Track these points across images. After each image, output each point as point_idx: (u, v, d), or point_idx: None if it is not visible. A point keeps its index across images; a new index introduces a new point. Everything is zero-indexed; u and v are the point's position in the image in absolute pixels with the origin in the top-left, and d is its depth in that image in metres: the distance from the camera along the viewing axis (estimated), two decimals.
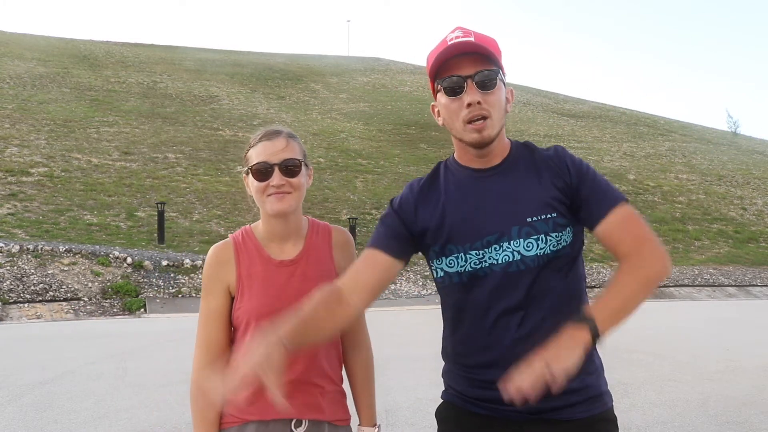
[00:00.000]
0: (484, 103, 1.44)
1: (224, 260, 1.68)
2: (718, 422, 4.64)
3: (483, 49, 1.45)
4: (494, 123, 1.46)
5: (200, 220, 13.06)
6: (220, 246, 1.71)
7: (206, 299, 1.69)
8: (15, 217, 11.73)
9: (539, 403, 1.39)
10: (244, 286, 1.66)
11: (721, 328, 8.74)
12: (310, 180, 1.73)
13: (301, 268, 1.69)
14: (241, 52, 39.24)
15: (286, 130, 1.70)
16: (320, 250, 1.73)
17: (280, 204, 1.63)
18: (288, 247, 1.71)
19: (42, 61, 26.64)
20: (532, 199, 1.48)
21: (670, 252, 16.56)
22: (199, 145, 17.90)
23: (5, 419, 4.37)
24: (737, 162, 26.70)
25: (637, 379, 5.73)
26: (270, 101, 26.67)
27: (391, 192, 16.27)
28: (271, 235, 1.70)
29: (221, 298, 1.67)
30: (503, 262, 1.47)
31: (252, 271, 1.67)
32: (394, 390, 5.03)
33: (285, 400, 1.31)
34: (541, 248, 1.46)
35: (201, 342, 1.68)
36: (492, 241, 1.48)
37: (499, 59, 1.50)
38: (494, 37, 1.54)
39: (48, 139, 16.68)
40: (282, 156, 1.64)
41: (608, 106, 38.70)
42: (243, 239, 1.71)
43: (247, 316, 1.64)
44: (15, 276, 9.41)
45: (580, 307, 1.48)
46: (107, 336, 7.38)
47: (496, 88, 1.47)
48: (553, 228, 1.46)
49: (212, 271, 1.68)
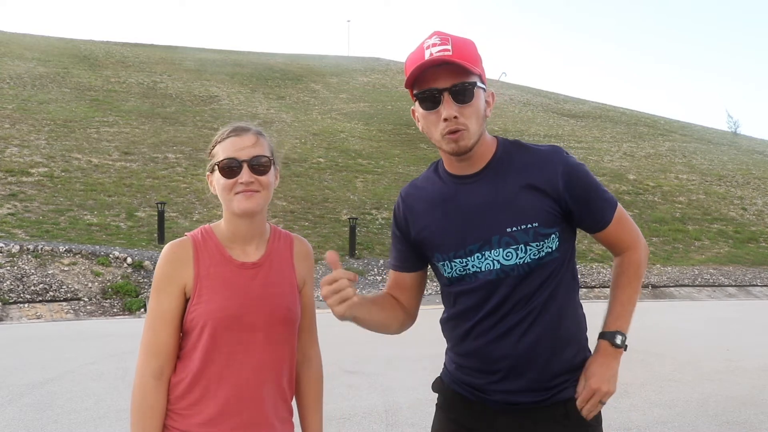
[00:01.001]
0: (460, 116, 1.47)
1: (181, 259, 1.57)
2: (718, 422, 4.64)
3: (460, 61, 1.46)
4: (471, 134, 1.49)
5: (200, 220, 13.06)
6: (177, 244, 1.60)
7: (158, 299, 1.57)
8: (15, 217, 11.73)
9: (517, 398, 1.56)
10: (203, 286, 1.55)
11: (721, 328, 8.73)
12: (277, 180, 1.66)
13: (264, 271, 1.61)
14: (241, 52, 39.22)
15: (255, 127, 1.63)
16: (282, 256, 1.66)
17: (248, 203, 1.55)
18: (251, 249, 1.63)
19: (42, 61, 26.64)
20: (514, 207, 1.51)
21: (670, 252, 16.53)
22: (199, 145, 17.90)
23: (5, 419, 4.37)
24: (737, 162, 26.69)
25: (637, 379, 5.73)
26: (270, 101, 26.66)
27: (391, 192, 16.27)
28: (234, 236, 1.62)
29: (174, 299, 1.56)
30: (485, 269, 1.53)
31: (212, 271, 1.57)
32: (394, 390, 5.03)
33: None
34: (520, 257, 1.51)
35: (149, 345, 1.57)
36: (474, 250, 1.54)
37: (478, 65, 1.51)
38: (473, 39, 1.55)
39: (48, 139, 16.68)
40: (251, 153, 1.56)
41: (608, 106, 38.68)
42: (203, 238, 1.62)
43: (205, 319, 1.53)
44: (15, 276, 9.41)
45: (567, 309, 1.59)
46: (107, 336, 7.38)
47: (474, 99, 1.49)
48: (534, 238, 1.50)
49: (167, 269, 1.56)
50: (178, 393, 1.57)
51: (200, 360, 1.55)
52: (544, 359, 1.55)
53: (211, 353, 1.54)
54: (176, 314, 1.57)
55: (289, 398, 1.67)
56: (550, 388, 1.56)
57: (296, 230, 13.30)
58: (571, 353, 1.59)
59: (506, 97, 35.41)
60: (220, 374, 1.55)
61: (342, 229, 13.40)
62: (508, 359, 1.54)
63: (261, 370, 1.58)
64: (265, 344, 1.58)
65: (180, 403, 1.57)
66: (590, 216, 1.57)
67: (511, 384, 1.55)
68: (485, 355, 1.57)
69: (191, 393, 1.56)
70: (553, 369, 1.56)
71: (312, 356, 1.75)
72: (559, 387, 1.57)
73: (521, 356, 1.54)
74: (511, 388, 1.56)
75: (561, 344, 1.57)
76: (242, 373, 1.56)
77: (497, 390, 1.57)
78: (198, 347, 1.55)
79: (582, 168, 1.56)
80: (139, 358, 1.59)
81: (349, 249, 12.56)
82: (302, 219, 13.98)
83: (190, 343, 1.57)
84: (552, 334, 1.55)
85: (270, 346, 1.59)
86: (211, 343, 1.54)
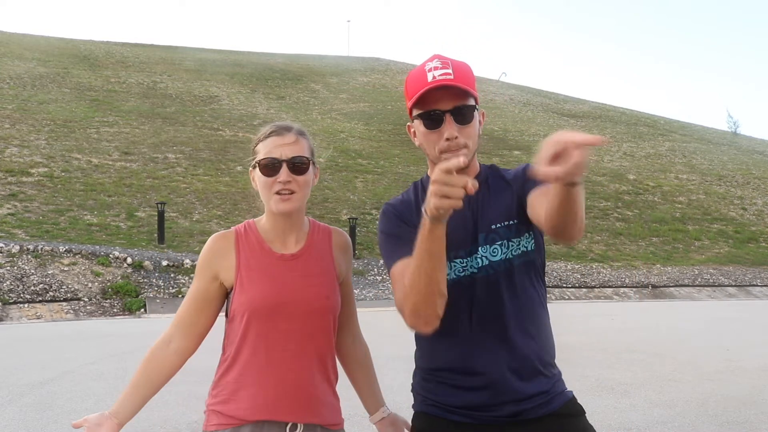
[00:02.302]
0: (460, 136, 1.54)
1: (222, 249, 1.66)
2: (718, 422, 4.64)
3: (461, 85, 1.53)
4: (469, 153, 1.56)
5: (200, 221, 13.06)
6: (221, 235, 1.70)
7: (195, 282, 1.69)
8: (15, 217, 11.73)
9: (515, 407, 1.53)
10: (243, 276, 1.63)
11: (721, 328, 8.74)
12: (316, 179, 1.73)
13: (303, 263, 1.68)
14: (241, 52, 39.22)
15: (297, 127, 1.69)
16: (321, 248, 1.73)
17: (285, 205, 1.61)
18: (290, 242, 1.69)
19: (42, 61, 26.64)
20: (496, 208, 1.59)
21: (670, 252, 16.50)
22: (199, 145, 17.89)
23: (5, 419, 4.37)
24: (737, 162, 26.70)
25: (637, 379, 5.73)
26: (270, 101, 26.66)
27: (391, 192, 16.27)
28: (275, 230, 1.69)
29: (206, 283, 1.66)
30: (476, 269, 1.56)
31: (252, 262, 1.64)
32: (394, 390, 5.02)
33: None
34: (504, 253, 1.56)
35: (177, 316, 1.69)
36: (473, 251, 1.57)
37: (474, 88, 1.58)
38: (468, 62, 1.62)
39: (48, 139, 16.68)
40: (291, 152, 1.62)
41: (608, 106, 38.68)
42: (245, 231, 1.70)
43: (246, 307, 1.61)
44: (15, 276, 9.41)
45: (544, 313, 1.61)
46: (107, 336, 7.38)
47: (473, 120, 1.56)
48: (516, 233, 1.57)
49: (206, 256, 1.67)
50: (222, 379, 1.65)
51: (243, 348, 1.62)
52: (528, 363, 1.56)
53: (253, 341, 1.61)
54: (203, 296, 1.66)
55: (333, 383, 1.72)
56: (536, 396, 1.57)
57: None
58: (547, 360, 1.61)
59: (506, 97, 35.41)
60: (262, 361, 1.61)
61: (342, 229, 13.42)
62: (498, 364, 1.54)
63: (302, 358, 1.63)
64: (304, 332, 1.63)
65: (223, 389, 1.64)
66: (534, 185, 1.50)
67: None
68: (490, 365, 1.54)
69: (234, 380, 1.62)
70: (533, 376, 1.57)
71: (358, 336, 1.86)
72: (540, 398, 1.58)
73: (508, 360, 1.54)
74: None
75: (542, 348, 1.60)
76: (284, 360, 1.62)
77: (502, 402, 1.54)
78: (240, 335, 1.62)
79: None
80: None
81: None
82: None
83: (232, 330, 1.65)
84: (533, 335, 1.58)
85: (310, 334, 1.64)
86: (252, 331, 1.61)
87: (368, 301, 10.50)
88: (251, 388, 1.61)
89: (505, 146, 23.35)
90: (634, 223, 17.21)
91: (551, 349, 1.63)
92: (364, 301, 10.42)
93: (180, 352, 1.66)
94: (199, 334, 1.68)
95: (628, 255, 14.94)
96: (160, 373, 1.66)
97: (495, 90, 37.16)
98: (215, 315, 1.70)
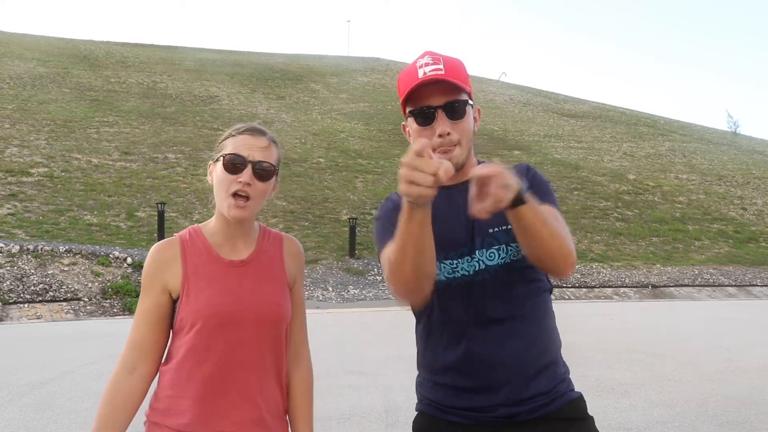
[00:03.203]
0: (453, 132, 1.51)
1: (167, 259, 1.56)
2: (718, 422, 4.64)
3: (452, 79, 1.50)
4: (463, 149, 1.53)
5: (200, 220, 13.00)
6: (164, 244, 1.60)
7: (142, 297, 1.57)
8: (15, 217, 11.73)
9: (512, 409, 1.51)
10: (191, 285, 1.54)
11: (721, 328, 8.74)
12: (274, 192, 1.66)
13: (252, 269, 1.60)
14: (241, 52, 39.22)
15: (270, 134, 1.63)
16: (271, 254, 1.66)
17: (238, 212, 1.54)
18: (239, 247, 1.62)
19: (42, 61, 26.64)
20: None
21: (670, 252, 16.48)
22: (199, 145, 17.89)
23: (5, 419, 4.37)
24: (737, 162, 26.70)
25: (637, 379, 5.73)
26: (270, 101, 26.66)
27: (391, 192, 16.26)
28: (224, 234, 1.61)
29: (156, 298, 1.55)
30: (471, 272, 1.54)
31: (200, 270, 1.56)
32: (394, 390, 5.03)
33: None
34: (502, 257, 1.53)
35: (128, 341, 1.57)
36: (465, 253, 1.55)
37: (467, 83, 1.55)
38: (461, 58, 1.59)
39: (48, 139, 16.68)
40: (260, 156, 1.55)
41: (608, 106, 38.69)
42: (191, 238, 1.61)
43: (194, 317, 1.52)
44: (15, 276, 9.41)
45: (546, 315, 1.58)
46: (107, 336, 7.38)
47: (466, 116, 1.53)
48: (514, 238, 1.50)
49: (152, 269, 1.56)
50: (167, 392, 1.55)
51: (190, 359, 1.53)
52: (526, 365, 1.54)
53: (201, 352, 1.52)
54: (157, 313, 1.56)
55: (282, 396, 1.65)
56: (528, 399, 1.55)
57: (296, 230, 13.30)
58: (546, 361, 1.58)
59: (506, 97, 35.41)
60: (209, 372, 1.52)
61: (342, 229, 13.40)
62: (496, 366, 1.53)
63: (252, 368, 1.56)
64: (255, 342, 1.56)
65: (168, 402, 1.55)
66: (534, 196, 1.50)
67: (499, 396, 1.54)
68: (484, 365, 1.54)
69: (181, 392, 1.53)
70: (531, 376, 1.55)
71: (302, 354, 1.72)
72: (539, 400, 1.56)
73: (506, 362, 1.53)
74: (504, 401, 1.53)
75: (541, 350, 1.57)
76: (232, 370, 1.54)
77: (496, 404, 1.54)
78: (188, 346, 1.53)
79: (543, 179, 1.62)
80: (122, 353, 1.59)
81: (349, 249, 12.56)
82: (302, 219, 13.98)
83: (179, 341, 1.55)
84: (534, 340, 1.56)
85: (260, 343, 1.57)
86: (200, 341, 1.52)
87: (368, 301, 10.50)
88: (196, 399, 1.52)
89: (505, 146, 23.35)
90: (634, 223, 17.21)
91: (554, 351, 1.60)
92: (364, 301, 10.42)
93: (145, 377, 1.56)
94: (160, 353, 1.58)
95: (628, 255, 14.94)
96: (131, 404, 1.55)
97: (495, 90, 37.16)
98: (169, 329, 1.59)
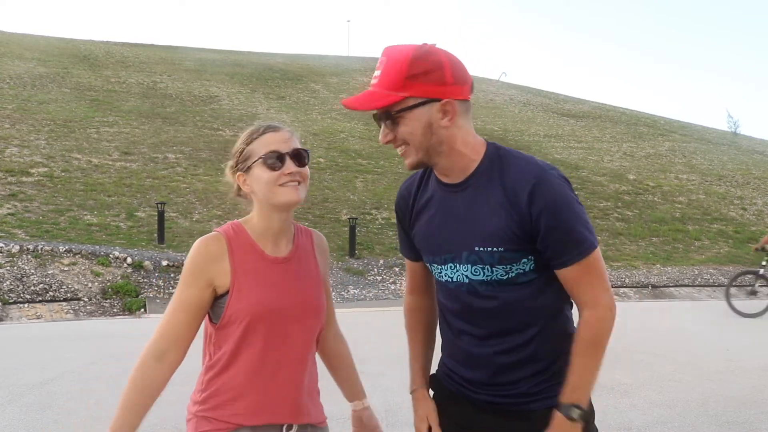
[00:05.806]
0: (398, 137, 1.48)
1: (215, 254, 1.59)
2: (718, 422, 4.64)
3: (380, 89, 1.45)
4: (411, 150, 1.49)
5: (200, 221, 13.06)
6: (211, 238, 1.62)
7: (184, 288, 1.58)
8: (15, 217, 11.72)
9: (497, 398, 1.59)
10: (240, 282, 1.58)
11: (721, 328, 8.74)
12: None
13: (293, 265, 1.67)
14: (241, 52, 39.20)
15: (285, 126, 1.69)
16: (306, 250, 1.73)
17: (296, 193, 1.58)
18: (281, 244, 1.67)
19: (42, 61, 26.63)
20: (484, 228, 1.49)
21: (670, 252, 16.46)
22: (199, 145, 17.88)
23: (5, 419, 4.37)
24: (737, 162, 26.69)
25: (637, 379, 5.73)
26: (270, 101, 26.65)
27: (391, 192, 16.27)
28: (268, 232, 1.65)
29: (200, 291, 1.57)
30: (457, 280, 1.57)
31: (247, 267, 1.60)
32: (394, 390, 5.02)
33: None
34: (487, 275, 1.52)
35: (160, 327, 1.59)
36: (447, 260, 1.57)
37: (407, 85, 1.42)
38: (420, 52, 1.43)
39: (48, 139, 16.68)
40: (291, 145, 1.61)
41: (608, 106, 38.66)
42: (235, 233, 1.64)
43: (244, 313, 1.57)
44: (15, 276, 9.41)
45: (547, 321, 1.57)
46: (107, 336, 7.38)
47: (405, 120, 1.45)
48: (499, 261, 1.49)
49: (199, 262, 1.58)
50: (211, 384, 1.61)
51: (239, 352, 1.59)
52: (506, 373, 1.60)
53: (250, 346, 1.59)
54: (197, 305, 1.58)
55: (317, 381, 1.75)
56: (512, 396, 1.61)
57: None
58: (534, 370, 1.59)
59: (506, 97, 35.40)
60: (259, 365, 1.59)
61: (342, 229, 13.40)
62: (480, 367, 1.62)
63: (297, 359, 1.64)
64: (300, 336, 1.64)
65: (218, 396, 1.61)
66: (550, 247, 1.46)
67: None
68: (467, 358, 1.64)
69: (227, 385, 1.60)
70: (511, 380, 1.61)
71: (338, 332, 1.89)
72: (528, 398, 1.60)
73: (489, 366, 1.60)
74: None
75: (526, 363, 1.59)
76: (281, 363, 1.61)
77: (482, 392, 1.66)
78: (236, 341, 1.58)
79: (559, 191, 1.45)
80: (152, 337, 1.61)
81: (349, 249, 12.56)
82: (302, 219, 13.98)
83: (226, 336, 1.60)
84: (523, 354, 1.58)
85: (304, 337, 1.66)
86: (249, 337, 1.58)
87: (368, 301, 10.49)
88: (249, 392, 1.59)
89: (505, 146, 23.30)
90: (634, 223, 17.20)
91: (545, 357, 1.58)
92: (364, 301, 10.42)
93: (172, 366, 1.59)
94: (188, 343, 1.61)
95: (628, 255, 14.94)
96: (156, 390, 1.59)
97: (495, 90, 37.13)
98: (202, 321, 1.63)
